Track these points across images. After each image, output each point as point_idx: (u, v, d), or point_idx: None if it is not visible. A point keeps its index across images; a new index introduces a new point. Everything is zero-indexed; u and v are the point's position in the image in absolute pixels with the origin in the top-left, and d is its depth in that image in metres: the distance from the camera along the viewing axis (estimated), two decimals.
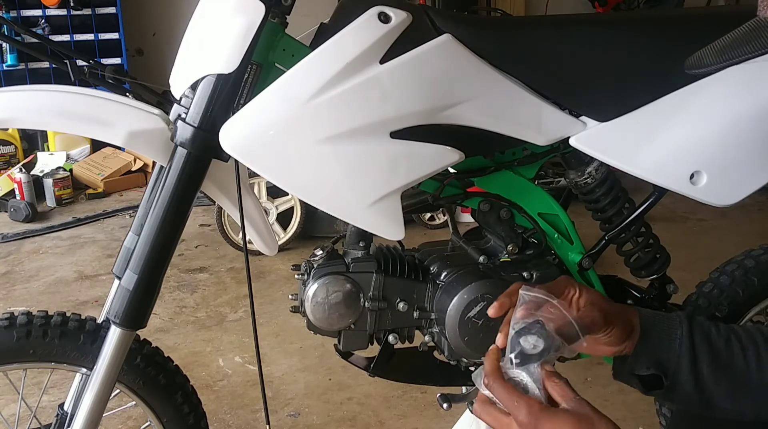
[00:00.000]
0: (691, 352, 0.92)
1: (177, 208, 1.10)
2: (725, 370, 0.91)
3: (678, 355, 0.92)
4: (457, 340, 1.20)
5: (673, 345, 0.93)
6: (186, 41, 1.13)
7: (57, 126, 1.13)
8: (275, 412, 2.13)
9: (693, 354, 0.92)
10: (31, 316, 1.20)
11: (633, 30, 1.20)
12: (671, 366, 0.92)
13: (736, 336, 0.94)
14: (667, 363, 0.93)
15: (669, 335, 0.94)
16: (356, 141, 1.04)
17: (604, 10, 5.29)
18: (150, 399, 1.29)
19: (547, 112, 1.15)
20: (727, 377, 0.91)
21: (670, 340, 0.93)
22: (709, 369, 0.91)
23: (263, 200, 3.34)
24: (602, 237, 1.36)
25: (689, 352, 0.92)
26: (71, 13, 4.75)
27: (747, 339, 0.93)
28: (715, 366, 0.91)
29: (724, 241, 3.51)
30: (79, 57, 1.58)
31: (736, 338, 0.93)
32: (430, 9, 1.12)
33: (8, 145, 4.66)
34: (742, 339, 0.93)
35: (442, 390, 1.31)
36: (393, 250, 1.30)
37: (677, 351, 0.92)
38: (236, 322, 2.75)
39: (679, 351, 0.92)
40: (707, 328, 0.94)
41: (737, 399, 0.92)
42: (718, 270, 1.46)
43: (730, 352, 0.92)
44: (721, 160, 1.15)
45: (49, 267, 3.36)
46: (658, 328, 0.94)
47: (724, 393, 0.92)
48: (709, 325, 0.95)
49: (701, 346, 0.92)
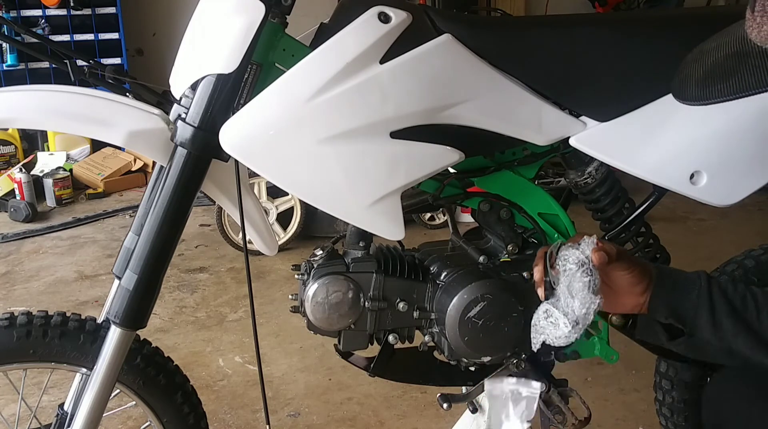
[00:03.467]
0: (708, 301, 0.95)
1: (177, 208, 1.10)
2: (743, 323, 0.94)
3: (695, 306, 0.96)
4: (457, 340, 1.20)
5: (691, 295, 0.97)
6: (186, 41, 1.13)
7: (57, 126, 1.13)
8: (275, 412, 2.13)
9: (711, 303, 0.95)
10: (31, 316, 1.20)
11: (633, 30, 1.20)
12: (689, 315, 0.96)
13: (753, 295, 0.96)
14: (685, 312, 0.96)
15: (686, 285, 0.98)
16: (356, 141, 1.04)
17: (604, 10, 5.29)
18: (150, 399, 1.29)
19: (547, 112, 1.15)
20: (743, 329, 0.94)
21: (688, 290, 0.97)
22: (728, 319, 0.95)
23: (263, 200, 3.34)
24: (602, 237, 1.36)
25: (707, 302, 0.95)
26: (71, 13, 4.76)
27: (763, 300, 0.96)
28: (733, 318, 0.94)
29: (724, 241, 3.51)
30: (79, 57, 1.58)
31: (752, 297, 0.96)
32: (430, 9, 1.12)
33: (8, 145, 4.67)
34: (758, 299, 0.96)
35: (442, 390, 1.32)
36: (393, 250, 1.30)
37: (695, 301, 0.96)
38: (236, 322, 2.75)
39: (696, 301, 0.96)
40: (725, 284, 0.98)
41: (755, 350, 0.94)
42: (718, 270, 1.46)
43: (745, 309, 0.95)
44: (721, 160, 1.15)
45: (49, 267, 3.36)
46: (675, 276, 0.99)
47: (742, 343, 0.94)
48: (727, 282, 0.98)
49: (718, 298, 0.96)
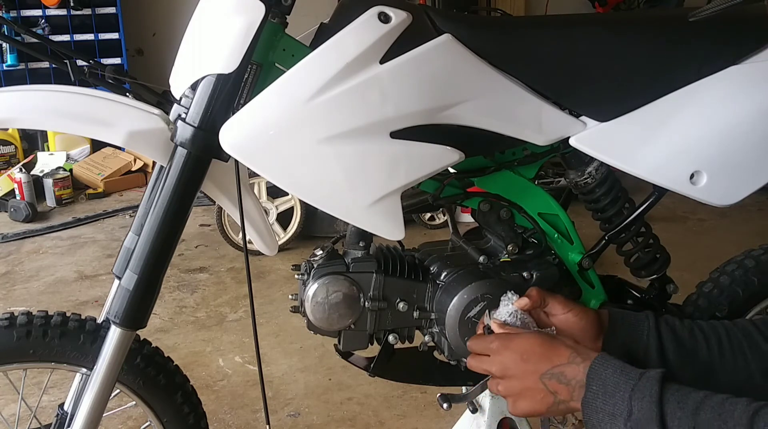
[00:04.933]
0: (658, 341, 1.00)
1: (177, 208, 1.10)
2: (690, 357, 0.99)
3: (646, 345, 1.00)
4: (457, 340, 1.20)
5: (642, 336, 1.01)
6: (186, 41, 1.13)
7: (57, 126, 1.13)
8: (275, 412, 2.13)
9: (660, 342, 1.00)
10: (31, 316, 1.20)
11: (633, 30, 1.20)
12: (640, 355, 1.00)
13: (699, 328, 1.02)
14: (636, 353, 1.00)
15: (637, 327, 1.02)
16: (356, 141, 1.04)
17: (604, 10, 5.29)
18: (150, 399, 1.29)
19: (547, 112, 1.15)
20: (692, 363, 0.98)
21: (639, 332, 1.02)
22: (675, 355, 0.99)
23: (263, 200, 3.34)
24: (602, 237, 1.36)
25: (656, 341, 1.00)
26: (71, 13, 4.76)
27: (709, 330, 1.01)
28: (680, 353, 0.99)
29: (724, 241, 3.51)
30: (79, 57, 1.58)
31: (698, 329, 1.01)
32: (430, 9, 1.12)
33: (8, 145, 4.67)
34: (705, 330, 1.01)
35: (442, 390, 1.31)
36: (393, 250, 1.30)
37: (645, 341, 1.00)
38: (236, 322, 2.75)
39: (647, 341, 1.01)
40: (671, 321, 1.03)
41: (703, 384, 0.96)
42: (718, 270, 1.45)
43: (694, 341, 1.00)
44: (721, 160, 1.15)
45: (49, 267, 3.36)
46: (627, 321, 1.04)
47: (691, 378, 0.97)
48: (674, 319, 1.04)
49: (667, 335, 1.00)
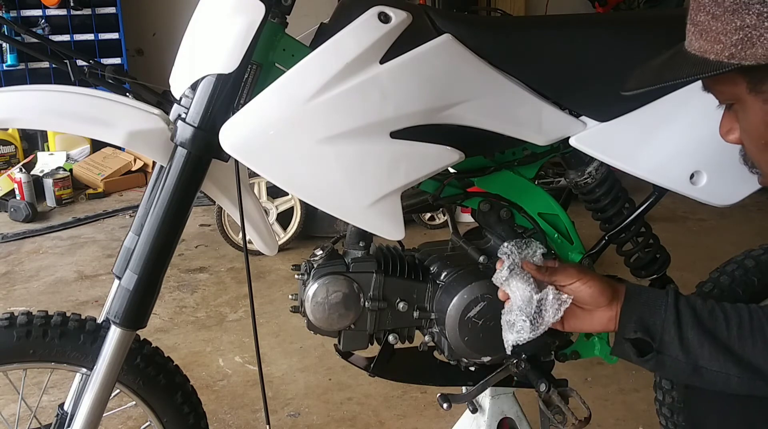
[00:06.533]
0: (675, 316, 0.99)
1: (177, 208, 1.10)
2: (708, 336, 0.97)
3: (663, 320, 0.99)
4: (457, 340, 1.20)
5: (659, 310, 1.00)
6: (186, 41, 1.13)
7: (57, 126, 1.13)
8: (275, 412, 2.13)
9: (678, 318, 0.99)
10: (31, 316, 1.20)
11: (633, 30, 1.20)
12: (657, 330, 0.99)
13: (721, 308, 1.00)
14: (654, 327, 1.00)
15: (655, 301, 1.01)
16: (356, 141, 1.04)
17: (604, 10, 5.29)
18: (150, 399, 1.29)
19: (547, 112, 1.15)
20: (710, 340, 0.97)
21: (656, 306, 1.01)
22: (693, 332, 0.98)
23: (263, 200, 3.34)
24: (602, 237, 1.36)
25: (674, 316, 0.99)
26: (71, 13, 4.75)
27: (732, 312, 0.99)
28: (699, 330, 0.98)
29: (724, 241, 3.51)
30: (79, 57, 1.57)
31: (720, 310, 1.00)
32: (430, 9, 1.12)
33: (8, 145, 4.66)
34: (727, 311, 0.99)
35: (442, 390, 1.32)
36: (393, 250, 1.30)
37: (662, 315, 0.99)
38: (236, 322, 2.75)
39: (664, 315, 0.99)
40: (693, 300, 1.02)
41: (721, 360, 0.97)
42: (718, 270, 1.46)
43: (714, 320, 0.98)
44: (721, 160, 1.15)
45: (49, 267, 3.35)
46: (644, 294, 1.03)
47: (708, 354, 0.97)
48: (695, 298, 1.02)
49: (685, 312, 0.99)
